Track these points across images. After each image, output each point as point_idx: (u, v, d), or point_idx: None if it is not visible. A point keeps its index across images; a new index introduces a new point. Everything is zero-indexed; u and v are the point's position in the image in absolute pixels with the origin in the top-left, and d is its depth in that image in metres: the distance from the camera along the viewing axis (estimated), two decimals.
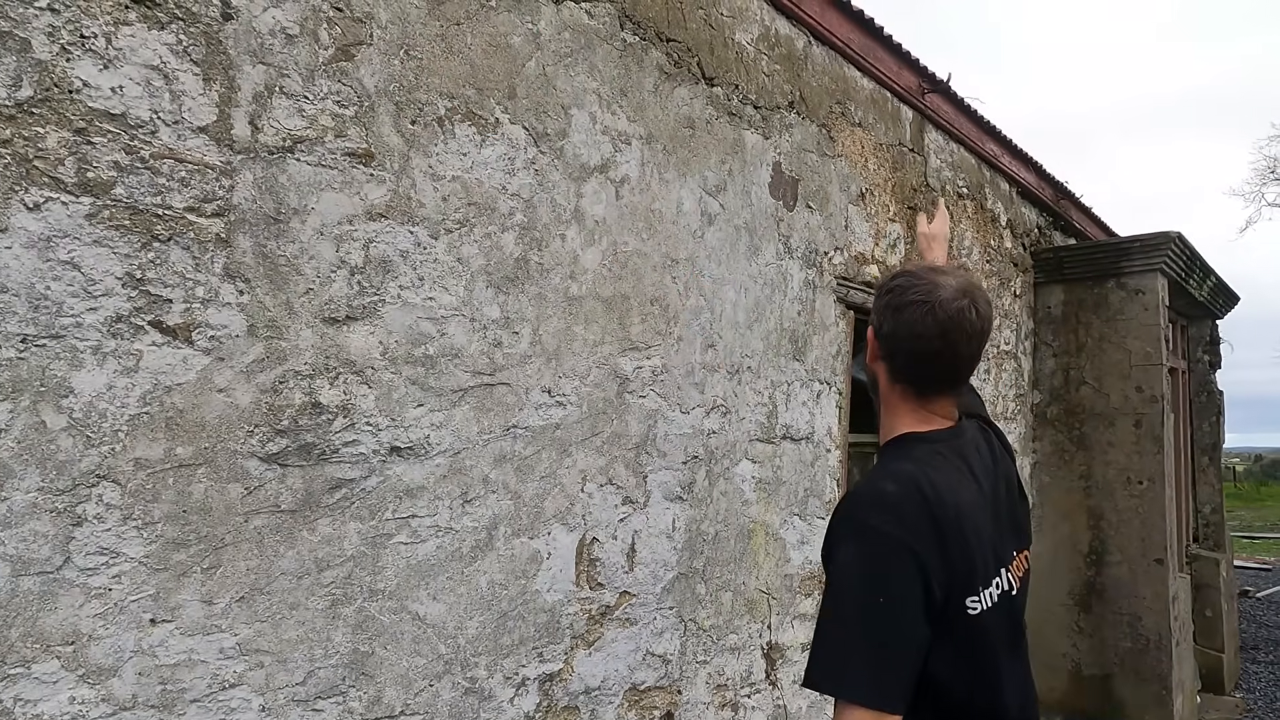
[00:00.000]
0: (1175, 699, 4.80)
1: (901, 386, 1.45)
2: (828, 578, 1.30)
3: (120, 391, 1.50)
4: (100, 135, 1.48)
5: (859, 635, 1.22)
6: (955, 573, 1.29)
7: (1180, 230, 5.18)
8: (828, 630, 1.25)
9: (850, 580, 1.25)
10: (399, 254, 1.92)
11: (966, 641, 1.30)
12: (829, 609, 1.26)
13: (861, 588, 1.24)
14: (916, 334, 1.39)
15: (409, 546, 1.94)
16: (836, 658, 1.22)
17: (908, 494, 1.30)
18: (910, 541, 1.25)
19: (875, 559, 1.25)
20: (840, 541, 1.30)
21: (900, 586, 1.24)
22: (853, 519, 1.30)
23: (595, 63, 2.41)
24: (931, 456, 1.38)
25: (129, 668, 1.51)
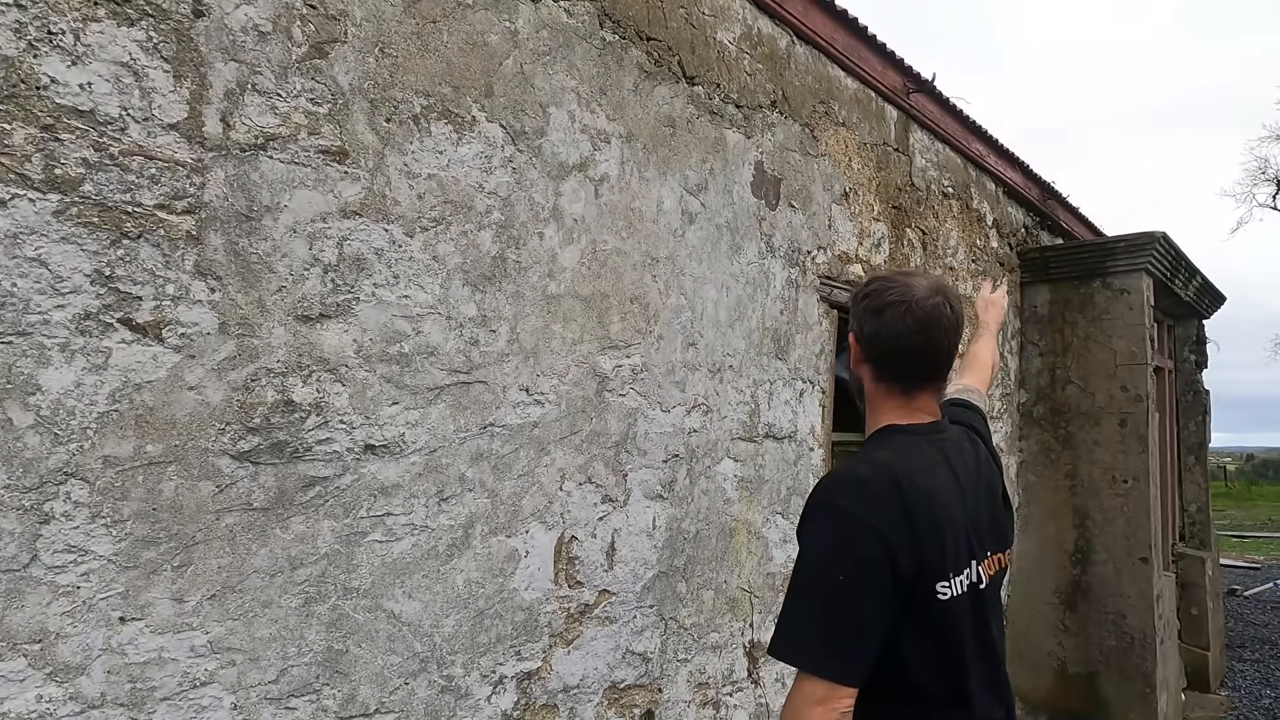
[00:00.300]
0: (1159, 697, 4.83)
1: (885, 385, 1.50)
2: (797, 556, 1.36)
3: (89, 389, 1.50)
4: (68, 132, 1.47)
5: (819, 610, 1.28)
6: (925, 556, 1.34)
7: (1169, 231, 5.20)
8: (790, 604, 1.31)
9: (814, 557, 1.32)
10: (373, 252, 1.92)
11: (936, 625, 1.35)
12: (794, 584, 1.33)
13: (824, 565, 1.31)
14: (898, 332, 1.45)
15: (384, 545, 1.94)
16: (796, 629, 1.28)
17: (879, 478, 1.36)
18: (875, 523, 1.31)
19: (839, 538, 1.32)
20: (808, 521, 1.37)
21: (862, 565, 1.30)
22: (822, 501, 1.37)
23: (574, 61, 2.42)
24: (908, 446, 1.45)
25: (97, 666, 1.50)
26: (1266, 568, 12.17)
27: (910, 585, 1.31)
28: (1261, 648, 7.42)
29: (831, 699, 1.23)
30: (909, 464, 1.40)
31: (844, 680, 1.24)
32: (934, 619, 1.34)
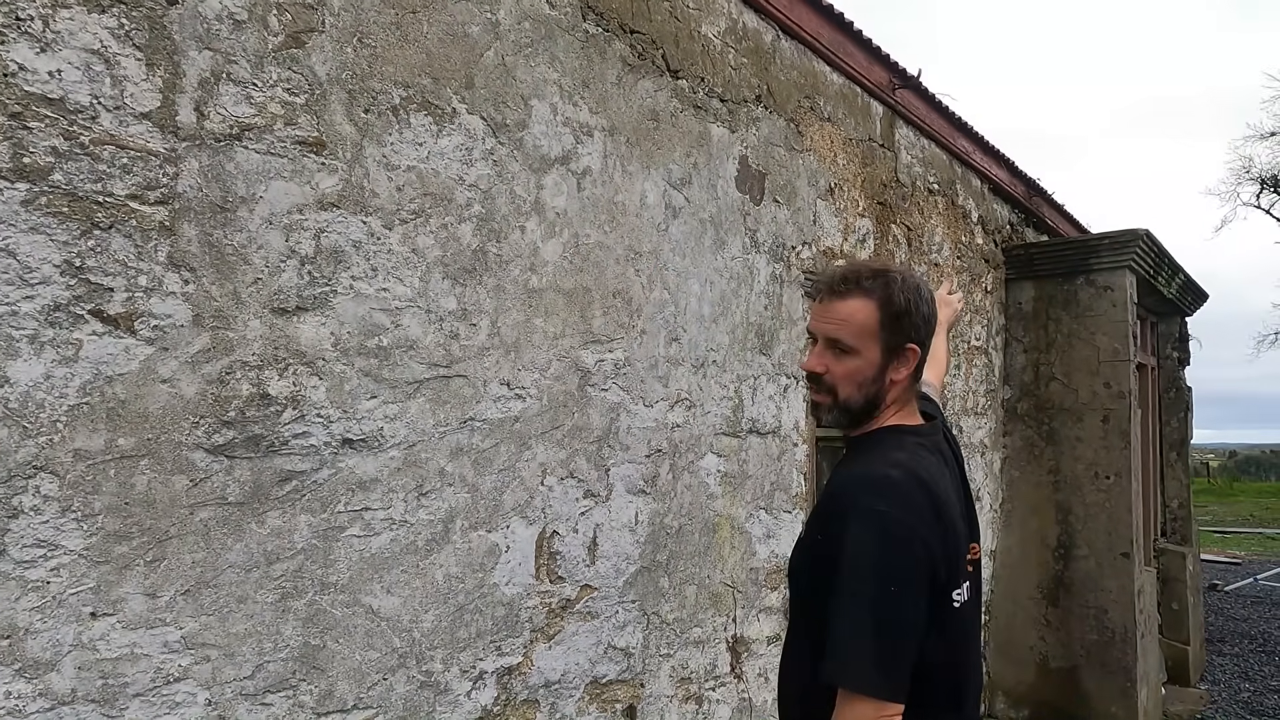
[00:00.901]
0: (1140, 691, 4.87)
1: (908, 379, 1.45)
2: (829, 564, 1.26)
3: (59, 381, 1.48)
4: (37, 120, 1.45)
5: (868, 624, 1.21)
6: (950, 563, 1.31)
7: (1150, 228, 5.23)
8: (838, 618, 1.23)
9: (860, 567, 1.23)
10: (351, 244, 1.90)
11: (949, 631, 1.32)
12: (837, 594, 1.23)
13: (872, 574, 1.23)
14: (933, 311, 1.46)
15: (362, 539, 1.92)
16: (845, 647, 1.21)
17: (909, 480, 1.31)
18: (917, 526, 1.26)
19: (885, 546, 1.24)
20: (843, 524, 1.27)
21: (910, 572, 1.24)
22: (858, 504, 1.28)
23: (556, 54, 2.40)
24: (917, 448, 1.41)
25: (68, 662, 1.49)
26: (1247, 563, 12.29)
27: (940, 591, 1.29)
28: (1241, 642, 7.49)
29: (883, 718, 1.18)
30: (926, 468, 1.36)
31: (895, 697, 1.19)
32: (948, 625, 1.31)
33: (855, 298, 1.42)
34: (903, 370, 1.43)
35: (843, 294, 1.43)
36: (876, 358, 1.41)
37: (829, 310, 1.44)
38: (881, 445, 1.42)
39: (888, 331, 1.41)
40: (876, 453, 1.40)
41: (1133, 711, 4.82)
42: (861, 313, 1.41)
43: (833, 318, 1.43)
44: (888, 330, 1.41)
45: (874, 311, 1.41)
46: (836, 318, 1.43)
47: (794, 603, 1.50)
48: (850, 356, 1.42)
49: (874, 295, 1.41)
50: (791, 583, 1.51)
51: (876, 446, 1.42)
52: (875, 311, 1.41)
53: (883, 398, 1.45)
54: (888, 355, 1.42)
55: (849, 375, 1.42)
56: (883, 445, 1.42)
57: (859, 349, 1.41)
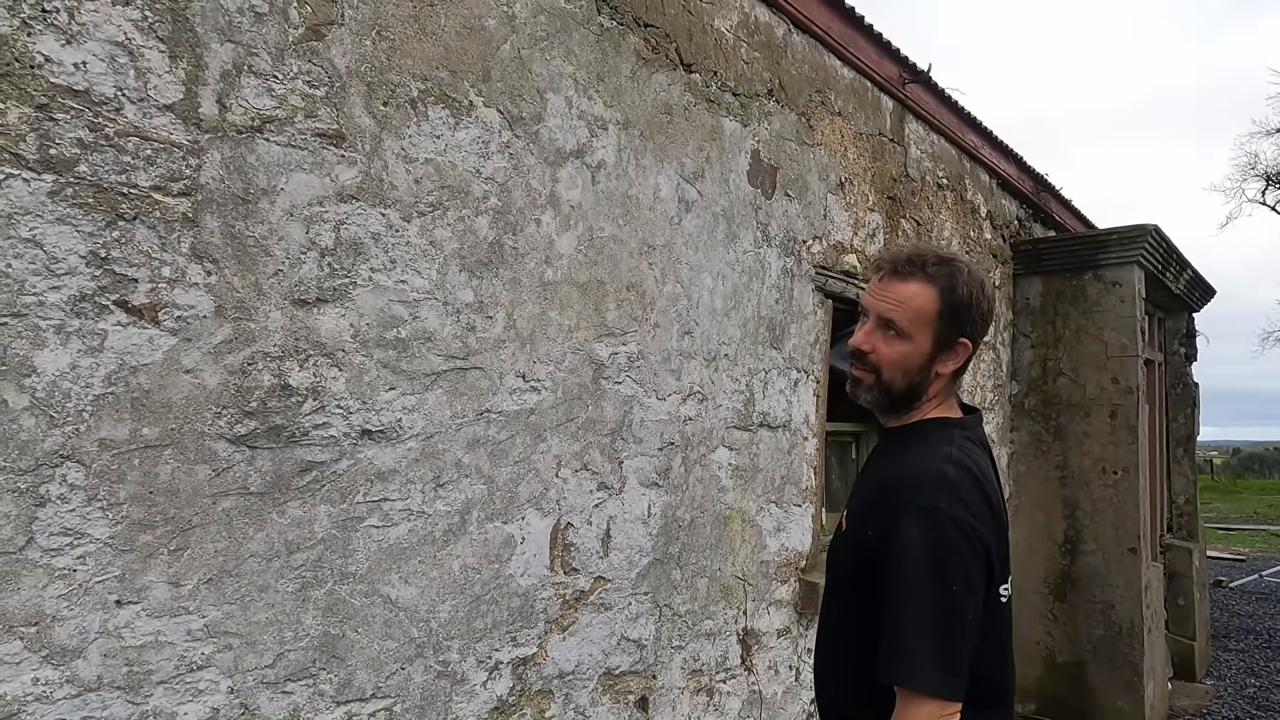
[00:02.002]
0: (1146, 686, 4.87)
1: (952, 373, 1.41)
2: (885, 563, 1.25)
3: (84, 371, 1.49)
4: (63, 112, 1.46)
5: (930, 624, 1.19)
6: (1001, 558, 1.31)
7: (1158, 223, 5.23)
8: (900, 618, 1.21)
9: (921, 566, 1.21)
10: (370, 236, 1.91)
11: (996, 628, 1.31)
12: (899, 594, 1.21)
13: (934, 573, 1.21)
14: (992, 310, 1.41)
15: (380, 530, 1.93)
16: (909, 648, 1.19)
17: (965, 478, 1.28)
18: (977, 525, 1.24)
19: (946, 544, 1.22)
20: (904, 525, 1.24)
21: (970, 571, 1.22)
22: (918, 501, 1.26)
23: (571, 47, 2.41)
24: (966, 442, 1.37)
25: (94, 649, 1.50)
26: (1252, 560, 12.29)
27: (993, 586, 1.28)
28: (1246, 638, 7.50)
29: (945, 718, 1.17)
30: (976, 462, 1.34)
31: (957, 696, 1.18)
32: (996, 622, 1.30)
33: (917, 281, 1.37)
34: (950, 364, 1.39)
35: (905, 275, 1.38)
36: (927, 347, 1.37)
37: (888, 289, 1.39)
38: (930, 438, 1.38)
39: (944, 322, 1.36)
40: (926, 447, 1.36)
41: (1139, 706, 4.83)
42: (921, 298, 1.36)
43: (890, 297, 1.38)
44: (945, 321, 1.36)
45: (934, 299, 1.36)
46: (894, 298, 1.38)
47: (837, 597, 1.45)
48: (901, 340, 1.38)
49: (937, 282, 1.36)
50: (833, 579, 1.47)
51: (925, 440, 1.38)
52: (936, 299, 1.36)
53: (925, 388, 1.41)
54: (939, 346, 1.38)
55: (896, 360, 1.38)
56: (931, 438, 1.38)
57: (911, 334, 1.37)
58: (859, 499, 1.46)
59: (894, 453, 1.44)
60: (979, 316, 1.38)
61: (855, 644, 1.34)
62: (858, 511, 1.42)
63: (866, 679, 1.26)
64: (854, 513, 1.44)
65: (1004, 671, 1.36)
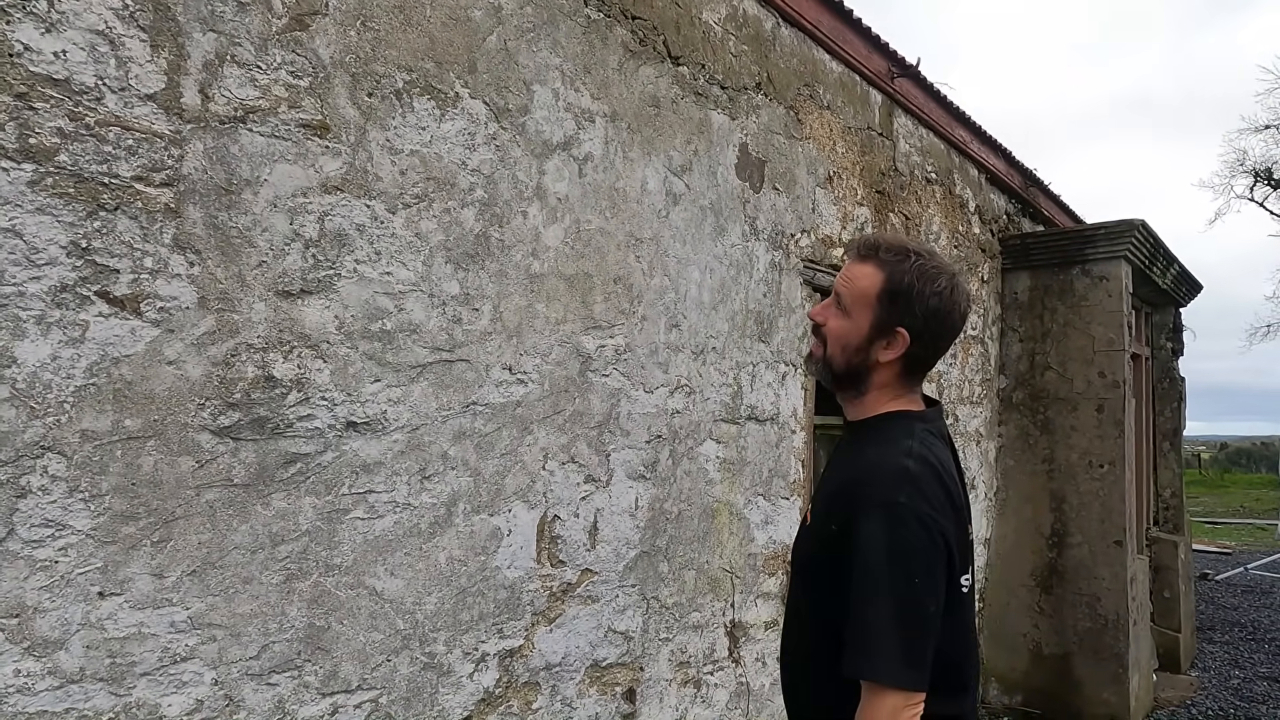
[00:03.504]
0: (1132, 677, 4.92)
1: (903, 365, 1.43)
2: (848, 558, 1.27)
3: (66, 362, 1.48)
4: (43, 101, 1.45)
5: (894, 618, 1.21)
6: (962, 549, 1.33)
7: (1145, 219, 5.25)
8: (861, 613, 1.23)
9: (882, 560, 1.23)
10: (355, 228, 1.90)
11: (958, 618, 1.34)
12: (861, 590, 1.24)
13: (895, 567, 1.23)
14: (947, 310, 1.39)
15: (366, 522, 1.93)
16: (872, 643, 1.21)
17: (925, 471, 1.30)
18: (937, 517, 1.26)
19: (907, 538, 1.24)
20: (866, 519, 1.26)
21: (930, 564, 1.25)
22: (876, 496, 1.28)
23: (558, 39, 2.40)
24: (927, 435, 1.39)
25: (76, 641, 1.50)
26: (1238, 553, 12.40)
27: (953, 577, 1.30)
28: (1231, 630, 7.56)
29: (909, 708, 1.20)
30: (937, 455, 1.36)
31: (919, 687, 1.21)
32: (957, 610, 1.33)
33: (869, 264, 1.42)
34: (889, 353, 1.41)
35: (862, 258, 1.44)
36: (865, 328, 1.41)
37: (847, 269, 1.46)
38: (890, 433, 1.40)
39: (882, 306, 1.40)
40: (888, 442, 1.37)
41: (1124, 697, 4.87)
42: (866, 279, 1.42)
43: (845, 275, 1.46)
44: (882, 305, 1.40)
45: (877, 282, 1.40)
46: (847, 276, 1.45)
47: (801, 594, 1.47)
48: (845, 318, 1.44)
49: (884, 268, 1.41)
50: (798, 573, 1.49)
51: (885, 434, 1.40)
52: (878, 283, 1.40)
53: (867, 373, 1.44)
54: (875, 330, 1.41)
55: (837, 335, 1.44)
56: (892, 433, 1.40)
57: (851, 312, 1.43)
58: (823, 492, 1.47)
59: (856, 446, 1.46)
60: (921, 310, 1.38)
61: (820, 636, 1.35)
62: (821, 505, 1.44)
63: (832, 671, 1.28)
64: (817, 507, 1.45)
65: (968, 660, 1.39)
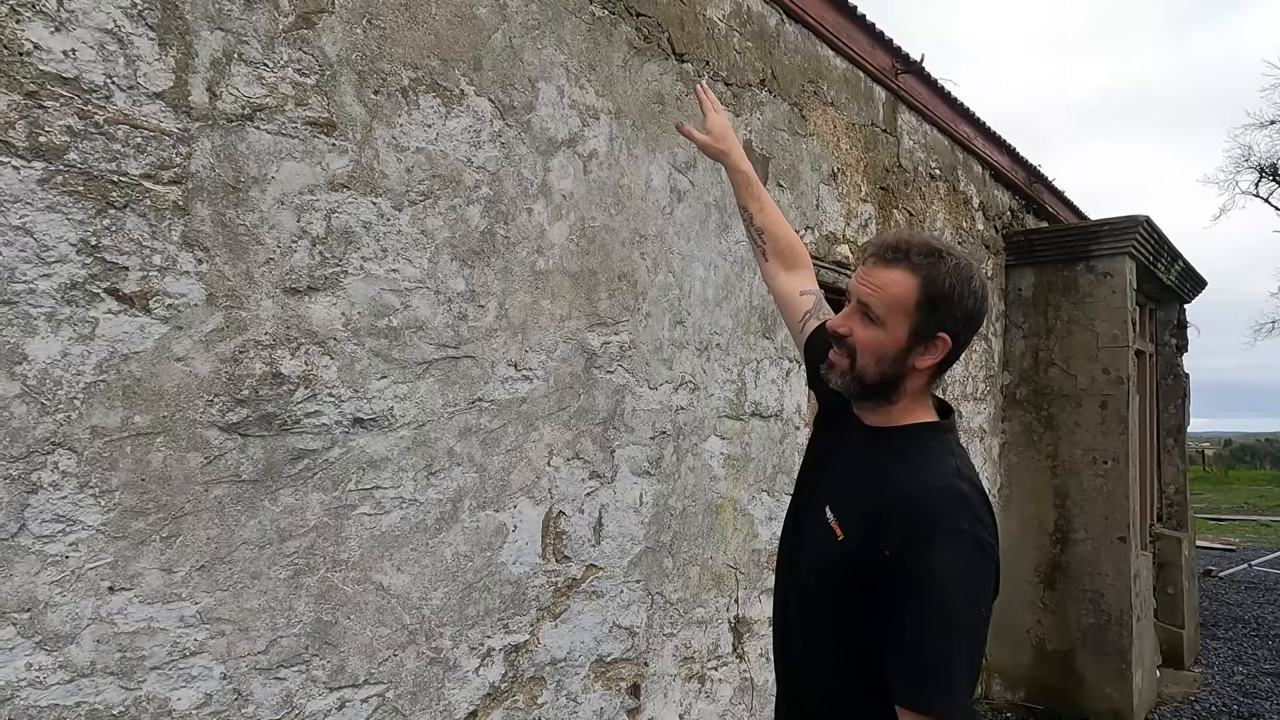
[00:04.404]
0: (1135, 673, 4.92)
1: (931, 372, 1.37)
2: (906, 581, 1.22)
3: (76, 359, 1.49)
4: (52, 99, 1.46)
5: (965, 651, 1.20)
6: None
7: (1150, 215, 5.25)
8: (937, 645, 1.19)
9: (959, 595, 1.21)
10: (361, 225, 1.91)
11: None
12: (936, 621, 1.20)
13: (966, 600, 1.21)
14: (982, 309, 1.35)
15: (372, 518, 1.94)
16: (949, 680, 1.18)
17: (975, 492, 1.28)
18: (993, 543, 1.25)
19: (975, 568, 1.22)
20: (933, 548, 1.21)
21: (990, 591, 1.25)
22: (943, 524, 1.23)
23: (563, 36, 2.41)
24: (960, 449, 1.37)
25: (87, 635, 1.51)
26: (1241, 550, 12.38)
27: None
28: (1235, 626, 7.57)
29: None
30: (974, 470, 1.34)
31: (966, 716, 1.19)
32: None
33: (899, 268, 1.33)
34: (928, 359, 1.34)
35: (889, 261, 1.34)
36: (902, 337, 1.33)
37: (870, 274, 1.36)
38: (930, 448, 1.35)
39: (922, 313, 1.32)
40: (930, 458, 1.33)
41: (1127, 693, 4.88)
42: (899, 286, 1.32)
43: (871, 282, 1.35)
44: (923, 312, 1.32)
45: (913, 288, 1.32)
46: (874, 283, 1.35)
47: (819, 608, 1.39)
48: (876, 327, 1.34)
49: (919, 272, 1.32)
50: (815, 585, 1.40)
51: (925, 449, 1.35)
52: (915, 289, 1.32)
53: (901, 382, 1.36)
54: (915, 338, 1.33)
55: (869, 346, 1.35)
56: (932, 448, 1.35)
57: (886, 322, 1.33)
58: (853, 505, 1.36)
59: (883, 456, 1.37)
60: (962, 313, 1.32)
61: (842, 654, 1.32)
62: (855, 520, 1.33)
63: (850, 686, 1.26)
64: (849, 520, 1.34)
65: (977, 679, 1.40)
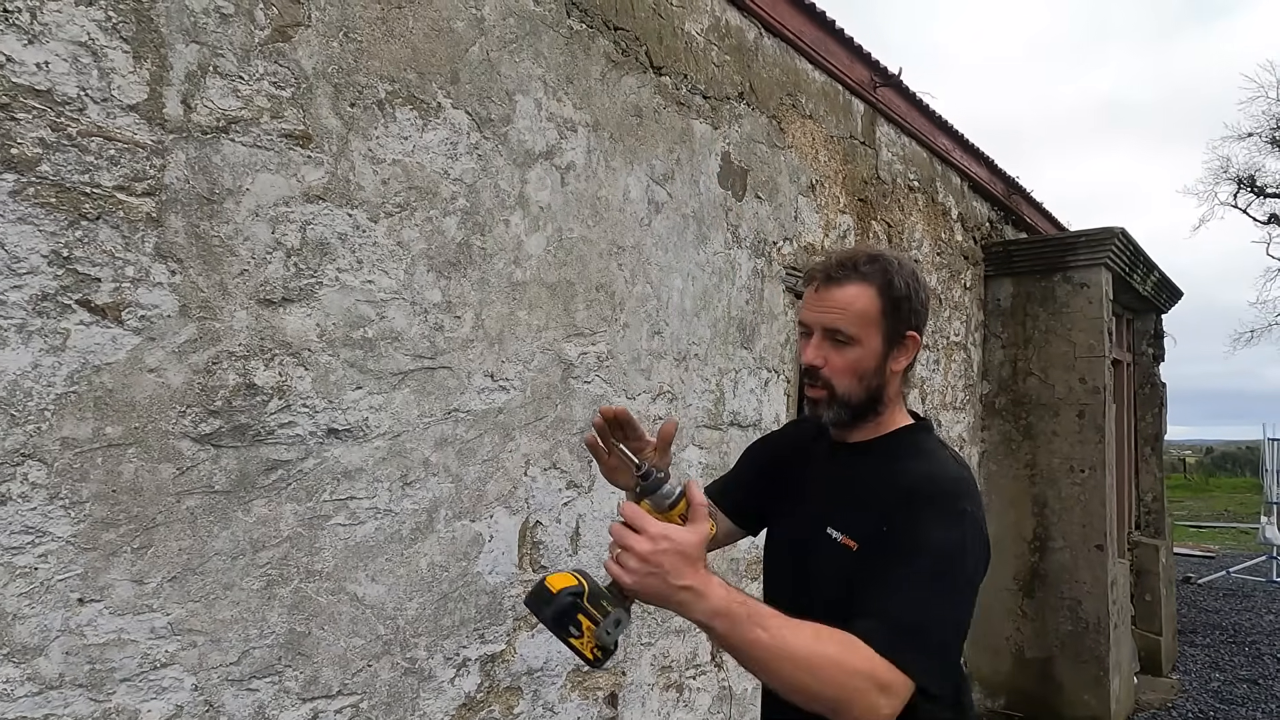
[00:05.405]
0: (1112, 680, 4.97)
1: (903, 374, 1.41)
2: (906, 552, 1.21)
3: (46, 370, 1.49)
4: (25, 111, 1.46)
5: (953, 626, 1.21)
6: None
7: (1126, 227, 5.32)
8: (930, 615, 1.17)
9: (955, 569, 1.21)
10: (337, 236, 1.92)
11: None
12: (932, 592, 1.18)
13: (963, 577, 1.22)
14: (929, 297, 1.41)
15: (347, 528, 1.95)
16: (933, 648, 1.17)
17: (973, 480, 1.32)
18: (986, 532, 1.29)
19: (975, 548, 1.24)
20: (939, 525, 1.22)
21: (983, 574, 1.27)
22: (948, 503, 1.25)
23: (541, 49, 2.43)
24: (945, 443, 1.42)
25: (55, 647, 1.50)
26: (1221, 556, 12.51)
27: None
28: (1213, 633, 7.64)
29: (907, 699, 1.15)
30: (965, 462, 1.38)
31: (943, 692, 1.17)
32: None
33: (853, 284, 1.33)
34: (902, 360, 1.37)
35: (840, 280, 1.33)
36: (878, 347, 1.33)
37: (825, 299, 1.34)
38: (921, 445, 1.38)
39: (889, 319, 1.33)
40: (924, 454, 1.35)
41: (1105, 700, 4.92)
42: (861, 299, 1.32)
43: (831, 306, 1.33)
44: (889, 318, 1.33)
45: (874, 298, 1.32)
46: (835, 306, 1.33)
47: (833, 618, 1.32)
48: (851, 347, 1.33)
49: (873, 280, 1.33)
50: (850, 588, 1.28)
51: (917, 447, 1.38)
52: (876, 298, 1.32)
53: (884, 390, 1.37)
54: (889, 344, 1.34)
55: (850, 367, 1.33)
56: (923, 445, 1.38)
57: (860, 338, 1.33)
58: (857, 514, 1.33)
59: (882, 462, 1.36)
60: (920, 306, 1.36)
61: None
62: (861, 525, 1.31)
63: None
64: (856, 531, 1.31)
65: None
